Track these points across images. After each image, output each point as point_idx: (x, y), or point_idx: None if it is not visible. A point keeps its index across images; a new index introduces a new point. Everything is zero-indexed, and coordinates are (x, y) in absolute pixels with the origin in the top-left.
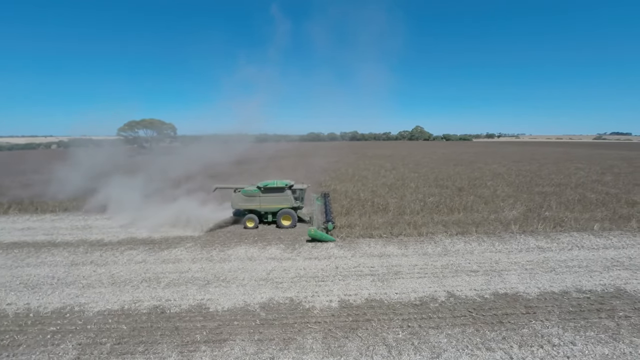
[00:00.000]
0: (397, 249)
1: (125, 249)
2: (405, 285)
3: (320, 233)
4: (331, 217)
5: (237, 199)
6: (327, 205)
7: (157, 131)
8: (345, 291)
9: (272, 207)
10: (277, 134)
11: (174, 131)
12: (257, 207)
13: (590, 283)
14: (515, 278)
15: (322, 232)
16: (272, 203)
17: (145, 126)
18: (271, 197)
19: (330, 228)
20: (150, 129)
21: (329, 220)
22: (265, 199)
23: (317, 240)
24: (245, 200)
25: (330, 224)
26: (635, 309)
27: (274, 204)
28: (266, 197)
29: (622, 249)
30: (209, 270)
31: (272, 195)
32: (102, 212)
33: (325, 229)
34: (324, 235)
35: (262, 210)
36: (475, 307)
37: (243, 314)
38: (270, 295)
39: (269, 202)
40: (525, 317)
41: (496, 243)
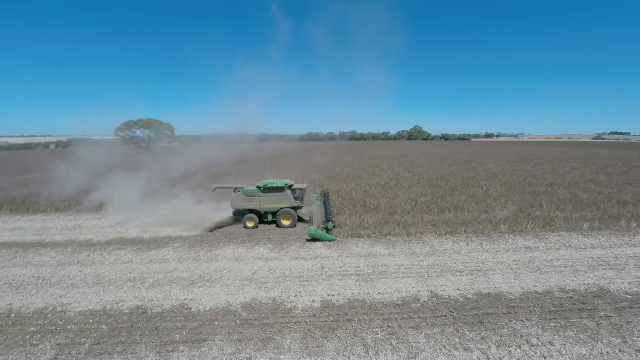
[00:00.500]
0: (385, 249)
1: (113, 249)
2: (390, 285)
3: (321, 233)
4: (331, 217)
5: (237, 198)
6: (327, 204)
7: (154, 131)
8: (329, 291)
9: (272, 207)
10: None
11: (171, 131)
12: (257, 207)
13: (574, 283)
14: (500, 278)
15: (322, 232)
16: (272, 203)
17: (142, 126)
18: (271, 197)
19: (331, 228)
20: (148, 129)
21: (330, 220)
22: (265, 199)
23: (317, 240)
24: (245, 200)
25: (331, 224)
26: (617, 309)
27: (274, 204)
28: (266, 197)
29: (609, 248)
30: (195, 271)
31: (272, 195)
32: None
33: (326, 228)
34: (325, 235)
35: (262, 210)
36: (457, 307)
37: (224, 314)
38: (254, 296)
39: (269, 202)
40: (506, 317)
41: (484, 243)
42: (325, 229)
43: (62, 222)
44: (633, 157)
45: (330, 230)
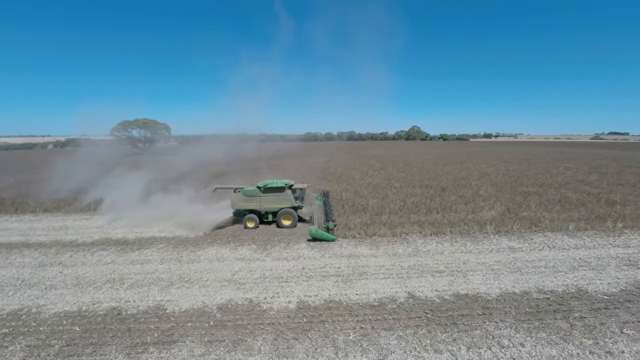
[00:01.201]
0: (368, 250)
1: (97, 250)
2: (368, 286)
3: (322, 232)
4: (332, 217)
5: (237, 199)
6: (327, 204)
7: (150, 131)
8: (306, 292)
9: (272, 207)
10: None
11: (168, 131)
12: (257, 207)
13: (553, 283)
14: (480, 279)
15: (323, 232)
16: (272, 203)
17: (138, 126)
18: (271, 197)
19: (332, 227)
20: (144, 129)
21: (330, 220)
22: (265, 199)
23: (318, 240)
24: (245, 200)
25: (331, 223)
26: (592, 310)
27: (274, 204)
28: (266, 197)
29: (592, 249)
30: (175, 271)
31: (272, 195)
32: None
33: (326, 228)
34: (325, 235)
35: (263, 210)
36: (432, 308)
37: (199, 315)
38: (231, 296)
39: (269, 202)
40: (481, 319)
41: (468, 243)
42: (325, 229)
43: (50, 223)
44: (627, 157)
45: (331, 230)
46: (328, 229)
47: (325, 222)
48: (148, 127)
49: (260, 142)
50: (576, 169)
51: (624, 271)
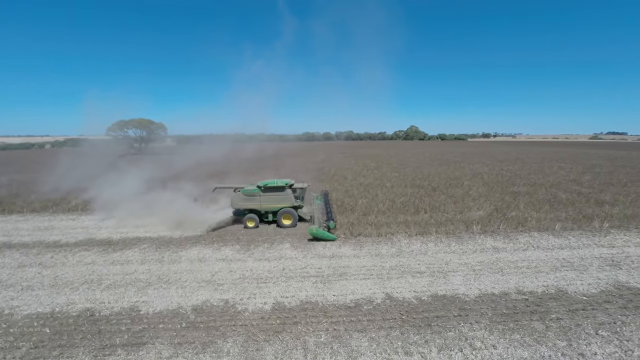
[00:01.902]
0: (352, 250)
1: (79, 250)
2: (346, 287)
3: (322, 232)
4: (332, 216)
5: (237, 198)
6: (328, 203)
7: (146, 131)
8: (284, 293)
9: (272, 206)
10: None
11: (164, 131)
12: (257, 207)
13: (533, 284)
14: (460, 279)
15: (323, 231)
16: (273, 202)
17: (134, 126)
18: (271, 197)
19: (332, 226)
20: (140, 128)
21: (331, 219)
22: (266, 199)
23: (318, 239)
24: (245, 199)
25: (332, 223)
26: (570, 311)
27: (274, 204)
28: (266, 197)
29: (576, 249)
30: (155, 272)
31: (273, 194)
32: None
33: (327, 227)
34: (325, 234)
35: (263, 209)
36: (408, 310)
37: (172, 317)
38: (207, 297)
39: (270, 201)
40: (456, 320)
41: (453, 244)
42: (326, 228)
43: (35, 223)
44: (623, 157)
45: (332, 229)
46: (329, 229)
47: (326, 222)
48: (144, 127)
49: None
50: (569, 169)
51: (606, 272)
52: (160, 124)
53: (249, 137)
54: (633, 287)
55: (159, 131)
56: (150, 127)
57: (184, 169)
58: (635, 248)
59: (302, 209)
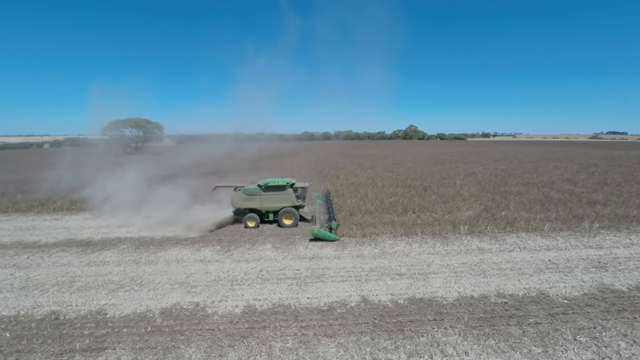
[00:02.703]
0: (333, 251)
1: (57, 251)
2: (322, 289)
3: (324, 232)
4: (334, 216)
5: (238, 197)
6: (329, 203)
7: (143, 130)
8: (257, 296)
9: (273, 206)
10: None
11: (160, 130)
12: (258, 206)
13: (514, 287)
14: (440, 282)
15: (325, 231)
16: (274, 202)
17: (131, 125)
18: (272, 196)
19: (334, 227)
20: (136, 128)
21: (333, 219)
22: (267, 198)
23: (320, 240)
24: (245, 199)
25: (334, 223)
26: (549, 315)
27: (275, 203)
28: (267, 196)
29: (564, 250)
30: (130, 273)
31: (274, 193)
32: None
33: (329, 227)
34: (327, 234)
35: (263, 209)
36: (382, 314)
37: (138, 320)
38: (178, 300)
39: (270, 200)
40: (430, 325)
41: (438, 244)
42: (328, 228)
43: (18, 223)
44: (620, 157)
45: (334, 230)
46: (330, 229)
47: (328, 222)
48: (140, 127)
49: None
50: (565, 168)
51: (591, 274)
52: (157, 124)
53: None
54: (617, 290)
55: (155, 131)
56: (147, 127)
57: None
58: (624, 249)
59: (304, 208)
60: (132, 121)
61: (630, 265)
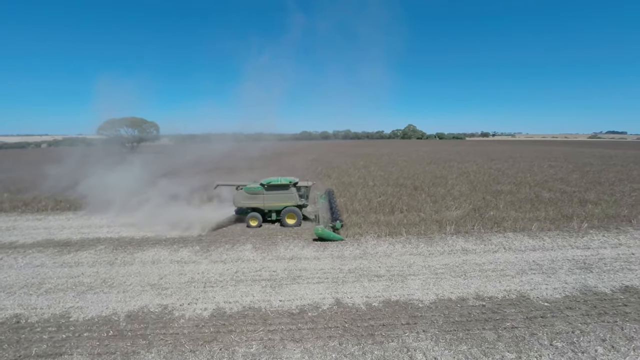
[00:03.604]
0: (314, 252)
1: (32, 252)
2: (296, 291)
3: (328, 232)
4: (339, 216)
5: (240, 196)
6: (333, 203)
7: (138, 130)
8: (228, 298)
9: (276, 205)
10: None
11: (157, 130)
12: (260, 205)
13: (495, 289)
14: (418, 283)
15: (329, 231)
16: (276, 201)
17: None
18: (275, 195)
19: (338, 227)
20: (132, 127)
21: (337, 219)
22: (269, 197)
23: (324, 240)
24: (248, 197)
25: (338, 222)
26: (527, 319)
27: (278, 202)
28: (270, 195)
29: (549, 250)
30: (102, 275)
31: (276, 192)
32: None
33: (333, 227)
34: (332, 234)
35: (266, 208)
36: (354, 317)
37: (102, 325)
38: (147, 303)
39: (273, 199)
40: (402, 329)
41: (421, 245)
42: (332, 228)
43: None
44: (617, 156)
45: (338, 230)
46: (334, 229)
47: (332, 222)
48: (136, 126)
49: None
50: (559, 167)
51: (575, 275)
52: (153, 123)
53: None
54: (600, 292)
55: (151, 130)
56: (142, 126)
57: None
58: (611, 250)
59: (307, 208)
60: (128, 120)
61: (616, 267)
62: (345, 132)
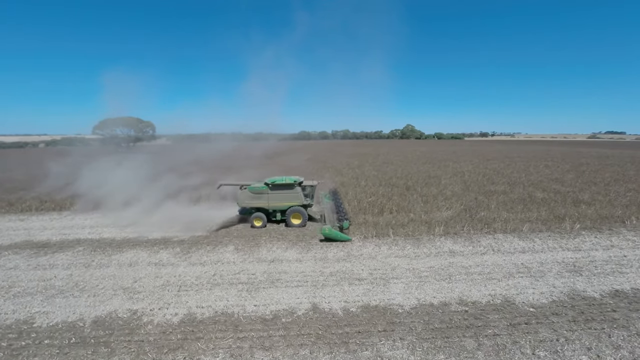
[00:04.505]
0: (297, 254)
1: (8, 254)
2: (272, 296)
3: (335, 232)
4: (346, 215)
5: (244, 196)
6: (338, 202)
7: (134, 129)
8: (202, 302)
9: (281, 204)
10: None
11: (152, 130)
12: (264, 205)
13: (479, 293)
14: (401, 287)
15: (337, 231)
16: (281, 200)
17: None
18: (280, 194)
19: (346, 226)
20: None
21: (345, 219)
22: (274, 196)
23: (331, 240)
24: (252, 197)
25: (346, 222)
26: (510, 325)
27: (282, 202)
28: (274, 194)
29: (539, 252)
30: (75, 278)
31: (281, 192)
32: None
33: (340, 227)
34: (339, 235)
35: (271, 208)
36: (329, 324)
37: (65, 331)
38: (116, 307)
39: (278, 199)
40: (378, 336)
41: (408, 246)
42: (339, 228)
43: None
44: (615, 156)
45: (346, 229)
46: (342, 229)
47: (339, 222)
48: (132, 126)
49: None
50: (555, 167)
51: (564, 278)
52: (149, 123)
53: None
54: (589, 297)
55: (147, 130)
56: (138, 126)
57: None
58: (603, 251)
59: (312, 207)
60: (124, 120)
61: (607, 269)
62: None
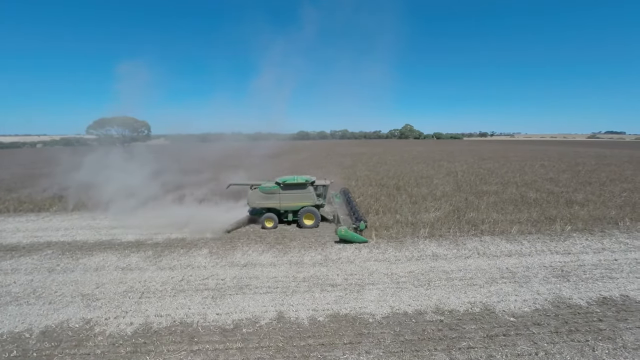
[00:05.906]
0: (272, 257)
1: None
2: (238, 303)
3: (352, 233)
4: (361, 216)
5: (254, 196)
6: (351, 202)
7: (129, 129)
8: (161, 311)
9: (293, 205)
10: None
11: (148, 129)
12: (276, 206)
13: (458, 301)
14: (375, 294)
15: (353, 233)
16: (293, 200)
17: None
18: (292, 194)
19: (362, 227)
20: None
21: (360, 219)
22: (286, 196)
23: (347, 242)
24: (263, 197)
25: (362, 223)
26: (487, 337)
27: (294, 202)
28: (286, 194)
29: (526, 256)
30: (35, 284)
31: (293, 192)
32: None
33: (356, 228)
34: (356, 236)
35: (282, 208)
36: (293, 335)
37: (9, 343)
38: (69, 316)
39: (290, 199)
40: (343, 349)
41: (389, 250)
42: (355, 229)
43: None
44: (612, 156)
45: (362, 231)
46: (357, 229)
47: (355, 222)
48: (127, 125)
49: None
50: (551, 167)
51: (550, 284)
52: (144, 122)
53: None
54: (574, 305)
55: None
56: (133, 126)
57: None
58: (593, 255)
59: (324, 208)
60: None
61: (596, 274)
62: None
